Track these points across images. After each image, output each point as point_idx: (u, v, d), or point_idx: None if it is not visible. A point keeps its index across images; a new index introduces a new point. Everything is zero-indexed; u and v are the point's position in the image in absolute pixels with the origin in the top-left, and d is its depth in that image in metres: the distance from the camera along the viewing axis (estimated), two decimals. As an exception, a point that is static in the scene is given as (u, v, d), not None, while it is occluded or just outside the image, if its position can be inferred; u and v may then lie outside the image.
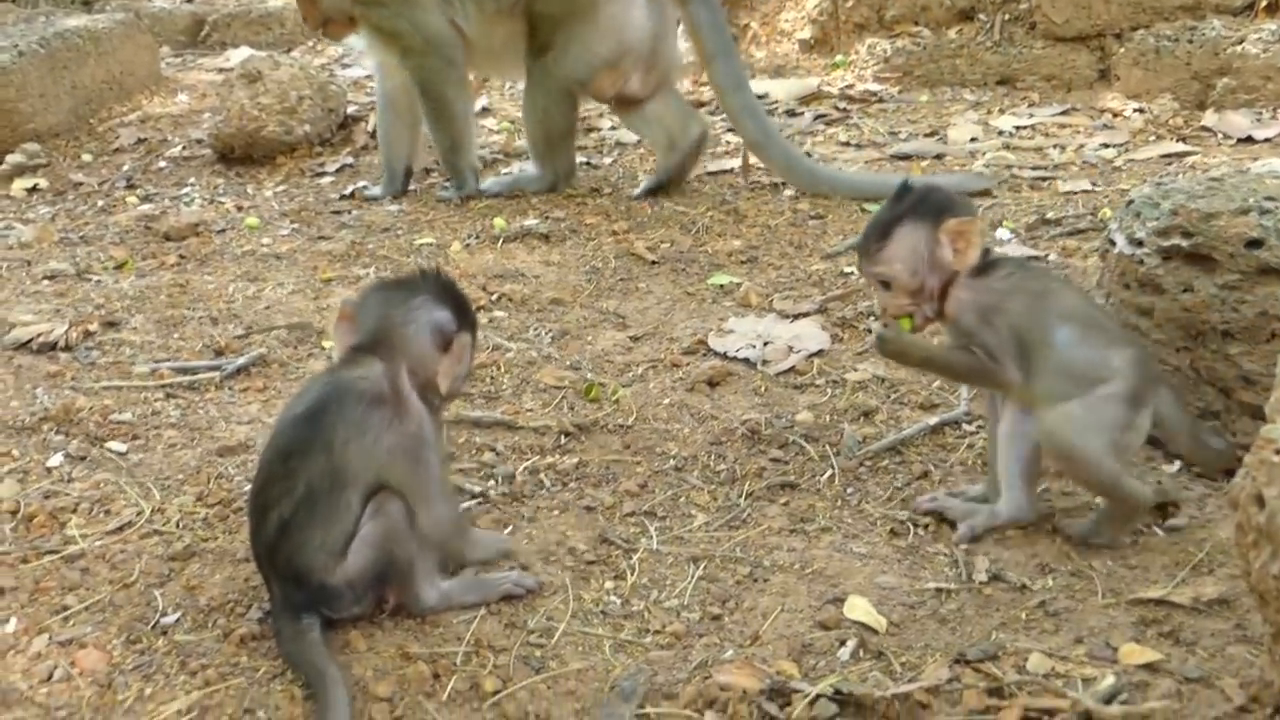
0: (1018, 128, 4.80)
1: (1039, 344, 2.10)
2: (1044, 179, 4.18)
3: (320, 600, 1.89)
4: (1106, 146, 4.49)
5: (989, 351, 2.12)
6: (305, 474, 1.87)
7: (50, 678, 1.86)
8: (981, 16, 5.49)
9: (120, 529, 2.30)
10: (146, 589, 2.09)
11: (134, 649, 1.93)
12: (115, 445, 2.61)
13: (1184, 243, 2.46)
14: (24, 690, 1.84)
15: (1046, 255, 3.42)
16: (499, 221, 4.06)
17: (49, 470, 2.51)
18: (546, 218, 4.08)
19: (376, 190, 4.60)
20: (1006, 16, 5.42)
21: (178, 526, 2.29)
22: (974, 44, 5.42)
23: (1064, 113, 4.97)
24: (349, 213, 4.38)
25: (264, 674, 1.85)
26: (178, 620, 2.00)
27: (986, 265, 2.17)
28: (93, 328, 3.27)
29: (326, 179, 4.86)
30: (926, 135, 4.80)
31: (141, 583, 2.11)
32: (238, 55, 6.76)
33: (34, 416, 2.73)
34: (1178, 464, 2.40)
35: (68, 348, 3.15)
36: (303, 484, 1.87)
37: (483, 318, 3.30)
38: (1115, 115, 4.89)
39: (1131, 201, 2.62)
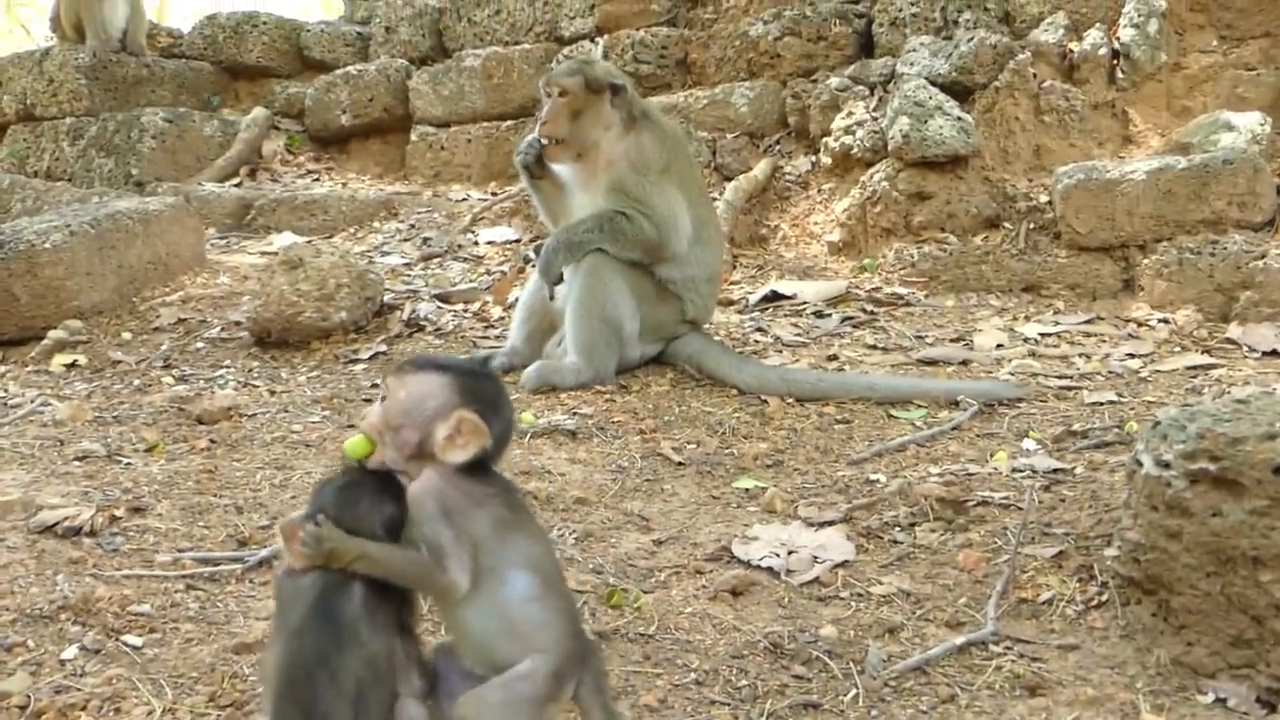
0: (1043, 335, 4.84)
1: (488, 576, 1.93)
2: (1069, 389, 4.20)
3: None
4: (1132, 357, 4.52)
5: (432, 546, 1.92)
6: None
7: None
8: (1007, 225, 5.59)
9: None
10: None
11: None
12: (131, 639, 2.59)
13: (1211, 467, 2.46)
14: None
15: (1074, 468, 3.41)
16: (528, 416, 4.09)
17: (62, 663, 2.49)
18: (575, 414, 4.11)
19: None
20: (1031, 225, 5.53)
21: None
22: (999, 251, 5.51)
23: (1089, 321, 5.02)
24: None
25: None
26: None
27: (470, 470, 1.99)
28: (119, 513, 3.28)
29: (359, 366, 4.93)
30: (953, 340, 4.85)
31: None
32: (281, 240, 6.95)
33: (53, 605, 2.72)
34: (1211, 695, 2.35)
35: (92, 533, 3.16)
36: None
37: (507, 515, 3.30)
38: (1140, 325, 4.94)
39: (1158, 423, 2.62)
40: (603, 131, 4.52)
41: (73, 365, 5.28)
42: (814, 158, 6.40)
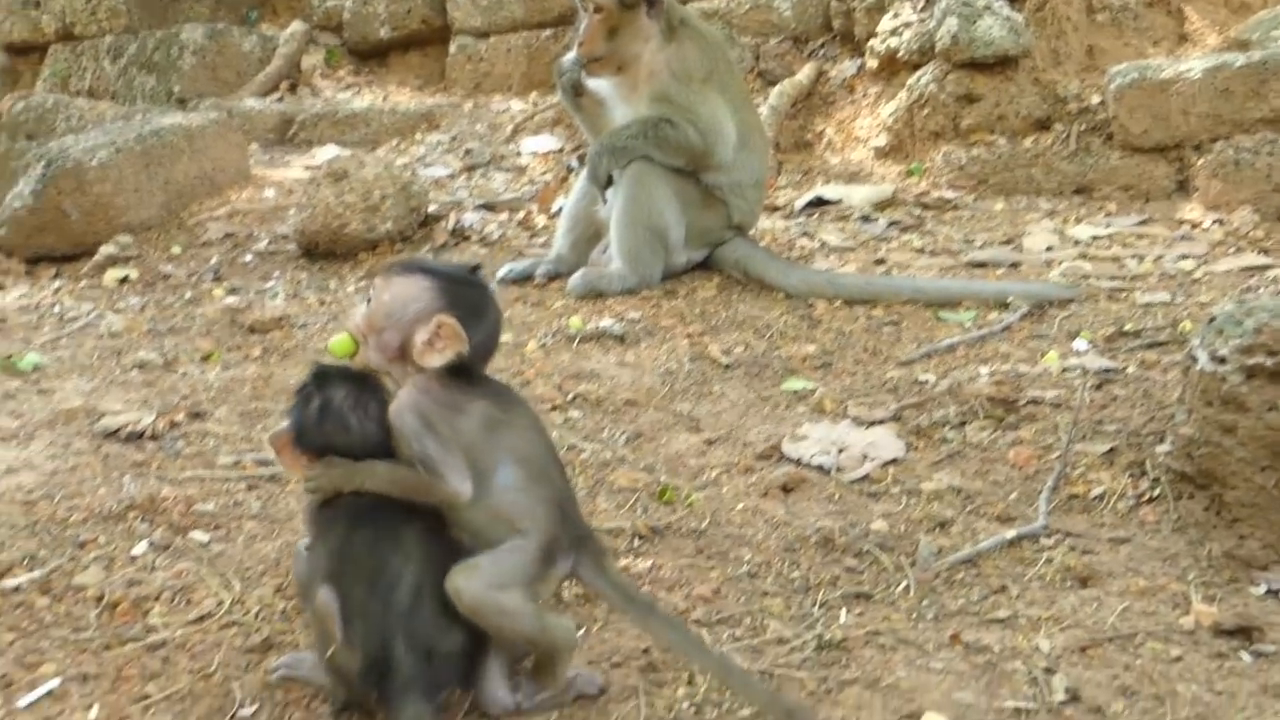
0: (1094, 237, 4.79)
1: (479, 473, 1.99)
2: (1121, 290, 4.16)
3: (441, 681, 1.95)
4: (1185, 258, 4.46)
5: (425, 461, 1.98)
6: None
7: (131, 765, 1.88)
8: (1058, 126, 5.50)
9: (201, 619, 2.34)
10: (225, 680, 2.11)
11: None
12: (198, 535, 2.66)
13: (1268, 361, 2.45)
14: (103, 779, 1.86)
15: (1126, 367, 3.39)
16: (575, 321, 4.11)
17: (133, 559, 2.56)
18: (622, 319, 4.12)
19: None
20: (1083, 126, 5.44)
21: (256, 618, 2.32)
22: (1050, 153, 5.43)
23: (1142, 223, 4.96)
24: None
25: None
26: (254, 714, 2.02)
27: (451, 376, 2.02)
28: (179, 418, 3.34)
29: (407, 275, 4.94)
30: (1002, 243, 4.81)
31: (220, 674, 2.14)
32: (323, 153, 6.95)
33: (120, 504, 2.79)
34: (1264, 586, 2.36)
35: (154, 437, 3.23)
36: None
37: (558, 418, 3.34)
38: (1194, 226, 4.87)
39: (1214, 318, 2.61)
40: (642, 44, 4.48)
41: (125, 280, 5.34)
42: (859, 61, 6.30)
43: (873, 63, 6.11)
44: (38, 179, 5.67)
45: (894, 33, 5.96)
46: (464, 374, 2.04)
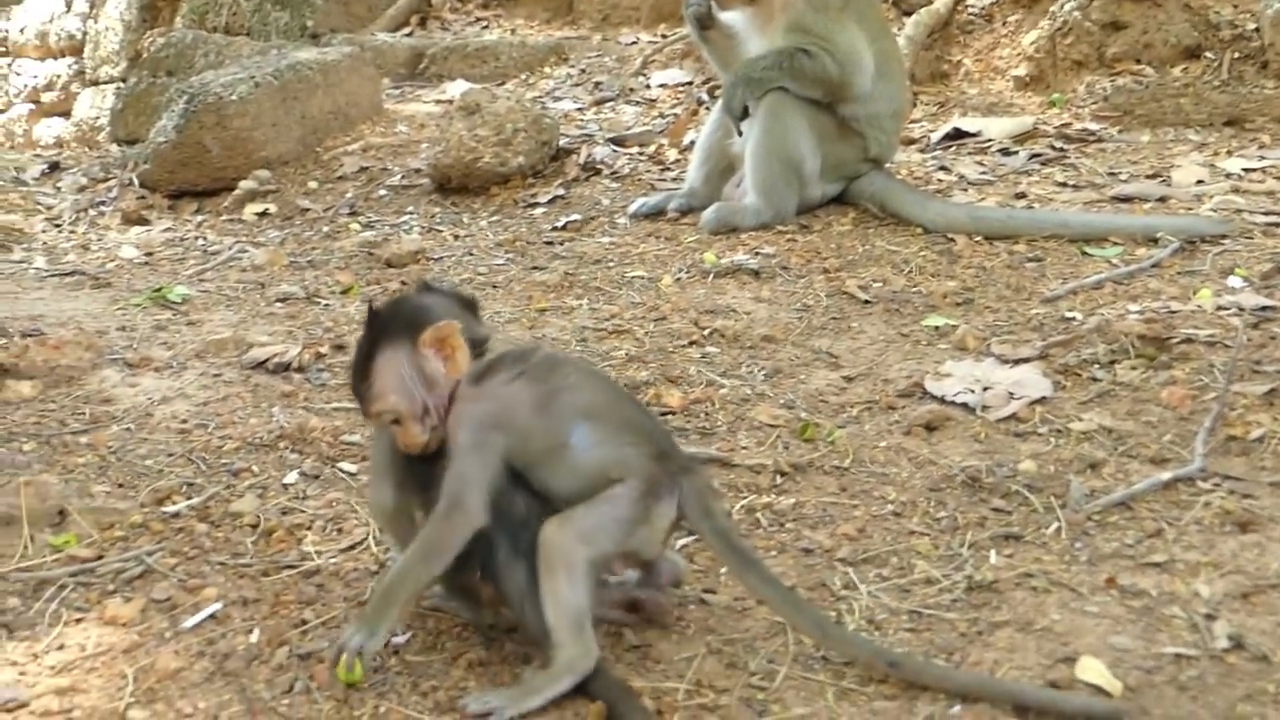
0: (1247, 170, 4.60)
1: (555, 447, 1.98)
2: (1277, 225, 3.99)
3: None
4: (1346, 191, 4.27)
5: (460, 476, 1.95)
6: None
7: (291, 689, 1.94)
8: (1209, 55, 5.29)
9: (352, 547, 2.40)
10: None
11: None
12: (346, 466, 2.72)
13: None
14: (267, 699, 1.92)
15: (1284, 305, 3.27)
16: (709, 256, 4.08)
17: (285, 487, 2.62)
18: (757, 254, 4.09)
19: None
20: (1236, 54, 5.22)
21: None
22: (1200, 83, 5.23)
23: (1298, 155, 4.75)
24: (561, 244, 4.47)
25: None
26: (408, 641, 2.06)
27: (488, 368, 2.04)
28: (323, 350, 3.41)
29: (539, 210, 4.97)
30: (1149, 177, 4.65)
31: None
32: (454, 88, 6.98)
33: (271, 434, 2.86)
34: None
35: (300, 369, 3.30)
36: None
37: (695, 353, 3.33)
38: (1354, 158, 4.66)
39: (1388, 254, 2.49)
40: None
41: (264, 214, 5.46)
42: (999, -12, 6.14)
43: (1014, -11, 5.93)
44: (180, 114, 5.79)
45: (1037, -43, 5.77)
46: (482, 358, 2.06)
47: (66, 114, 9.53)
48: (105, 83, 9.30)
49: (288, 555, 2.35)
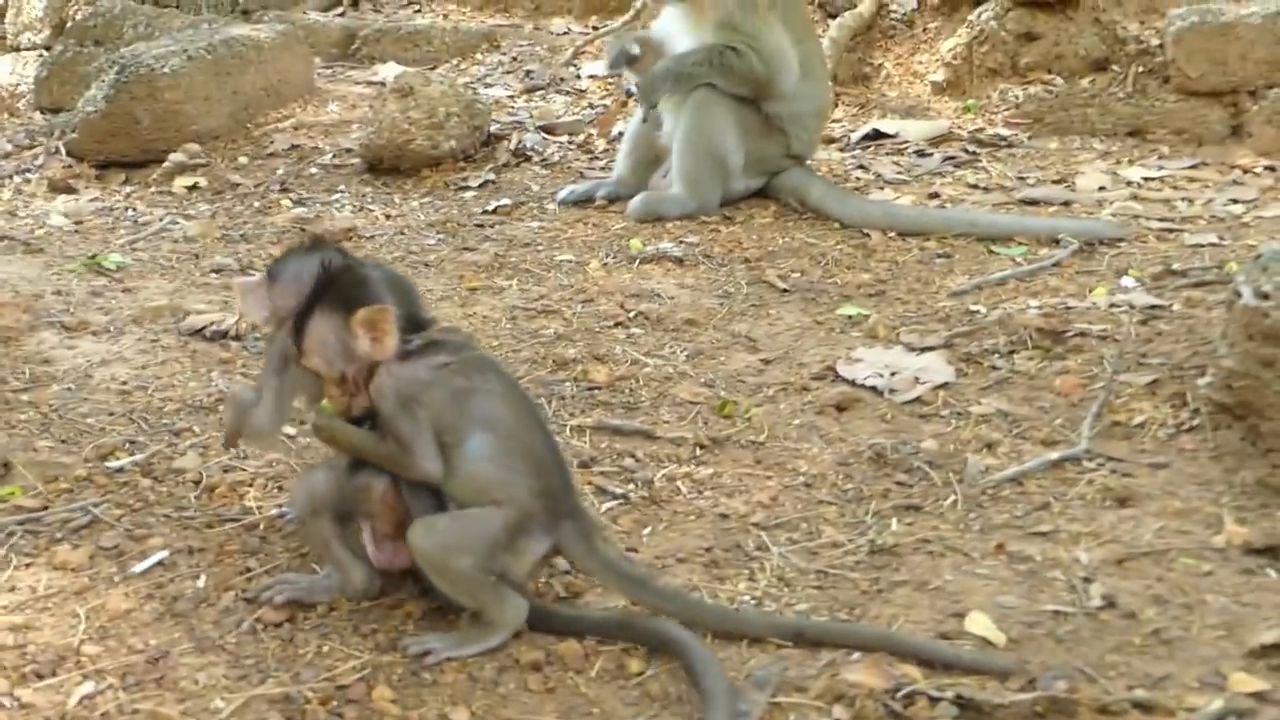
0: (1146, 179, 4.85)
1: (452, 445, 2.07)
2: (1171, 231, 4.24)
3: None
4: (1235, 202, 4.53)
5: (399, 440, 2.07)
6: None
7: (239, 628, 2.06)
8: (1115, 68, 5.54)
9: (292, 504, 2.51)
10: (319, 559, 2.28)
11: (311, 610, 2.13)
12: (286, 429, 2.82)
13: (1311, 299, 2.55)
14: (215, 639, 2.04)
15: (1171, 305, 3.49)
16: (635, 243, 4.24)
17: (226, 447, 2.73)
18: (681, 242, 4.25)
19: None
20: (1140, 69, 5.48)
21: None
22: (1106, 94, 5.47)
23: (1194, 167, 5.01)
24: (492, 227, 4.59)
25: (429, 641, 2.04)
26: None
27: (420, 349, 2.13)
28: (259, 320, 3.50)
29: (470, 193, 5.08)
30: (1054, 182, 4.88)
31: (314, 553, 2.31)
32: (386, 70, 7.05)
33: (210, 397, 2.97)
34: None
35: (237, 337, 3.39)
36: None
37: (621, 334, 3.48)
38: (1245, 172, 4.92)
39: (1259, 255, 2.71)
40: None
41: (194, 187, 5.49)
42: (920, -4, 6.35)
43: (934, -2, 6.15)
44: (110, 84, 5.80)
45: (957, -32, 5.99)
46: (418, 339, 2.13)
47: (-15, 80, 9.41)
48: (27, 49, 9.19)
49: (230, 510, 2.47)
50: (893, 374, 3.15)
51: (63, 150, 6.00)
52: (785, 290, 3.84)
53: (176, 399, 2.96)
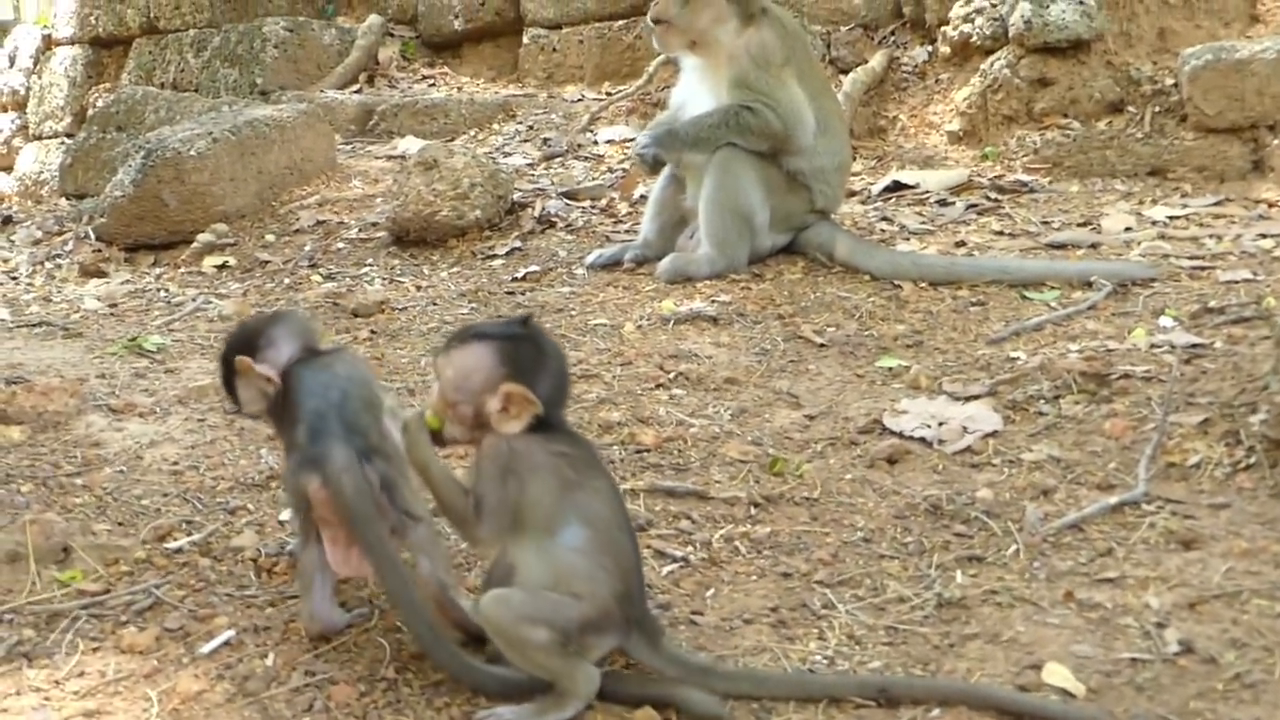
0: (1171, 218, 4.87)
1: (543, 530, 2.06)
2: (1202, 268, 4.25)
3: None
4: (1264, 237, 4.54)
5: (478, 502, 2.07)
6: None
7: (310, 708, 2.06)
8: (1131, 109, 5.59)
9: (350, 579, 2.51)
10: (386, 632, 2.28)
11: (379, 685, 2.12)
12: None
13: (1363, 333, 2.55)
14: (289, 718, 2.03)
15: (1213, 342, 3.49)
16: (668, 304, 4.25)
17: (282, 524, 2.73)
18: (713, 301, 4.27)
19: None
20: (1156, 109, 5.52)
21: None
22: (1124, 135, 5.51)
23: (1218, 203, 5.03)
24: (523, 294, 4.62)
25: None
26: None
27: (542, 429, 2.10)
28: (303, 396, 3.51)
29: (498, 261, 5.12)
30: (1080, 225, 4.90)
31: (380, 628, 2.30)
32: (404, 143, 7.13)
33: (262, 475, 2.97)
34: (1360, 548, 2.47)
35: (282, 414, 3.40)
36: None
37: (663, 395, 3.49)
38: (1271, 206, 4.94)
39: (1305, 292, 2.72)
40: (715, 24, 4.61)
41: (223, 266, 5.55)
42: (930, 48, 6.41)
43: (945, 49, 6.21)
44: (138, 169, 5.89)
45: (966, 19, 6.05)
46: (544, 424, 2.11)
47: (8, 169, 9.55)
48: (49, 138, 9.35)
49: (292, 586, 2.46)
50: (940, 424, 3.14)
51: (92, 235, 6.09)
52: (822, 345, 3.85)
53: (228, 477, 2.97)
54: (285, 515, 2.72)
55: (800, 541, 2.64)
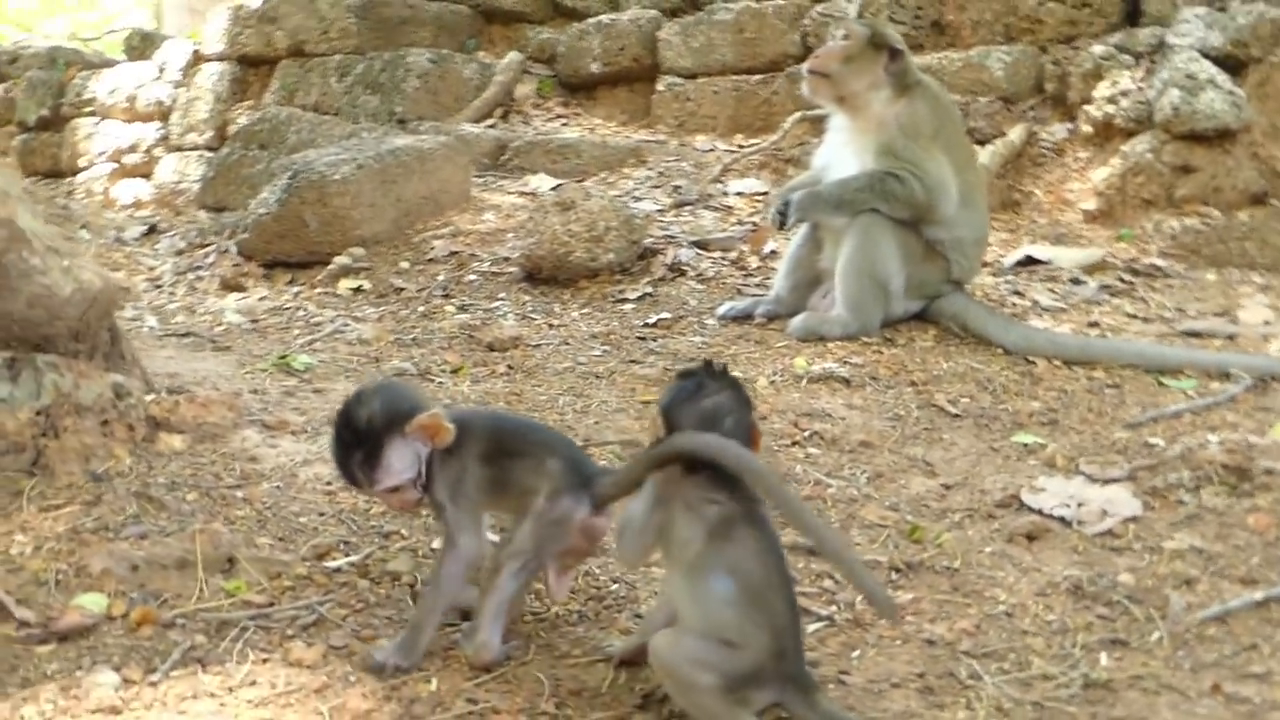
0: (1312, 314, 4.84)
1: (693, 570, 2.14)
2: (1346, 367, 4.21)
3: None
4: (1406, 340, 4.49)
5: (627, 519, 2.24)
6: None
7: (476, 733, 2.13)
8: (1274, 202, 5.55)
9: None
10: (543, 667, 2.35)
11: (540, 718, 2.19)
12: (491, 536, 2.91)
13: None
14: (454, 741, 2.11)
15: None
16: (800, 361, 4.30)
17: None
18: (846, 363, 4.31)
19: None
20: (1300, 202, 5.49)
21: (556, 618, 2.57)
22: (1266, 228, 5.48)
23: (1360, 301, 4.98)
24: (655, 340, 4.70)
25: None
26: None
27: (704, 478, 2.19)
28: (448, 425, 3.62)
29: (628, 305, 5.21)
30: (1216, 314, 4.88)
31: (535, 662, 2.38)
32: (536, 180, 7.27)
33: (413, 500, 3.06)
34: None
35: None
36: None
37: (799, 453, 3.53)
38: None
39: None
40: (870, 89, 4.67)
41: (359, 290, 5.71)
42: (1070, 125, 6.41)
43: (1087, 127, 6.21)
44: (283, 188, 6.09)
45: (1111, 100, 6.06)
46: (712, 473, 2.19)
47: (148, 176, 9.87)
48: (189, 149, 9.65)
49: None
50: (1080, 505, 3.16)
51: (233, 249, 6.29)
52: (956, 415, 3.87)
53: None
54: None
55: (943, 610, 2.67)
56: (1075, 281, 5.31)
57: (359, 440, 2.40)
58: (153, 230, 7.19)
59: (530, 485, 2.37)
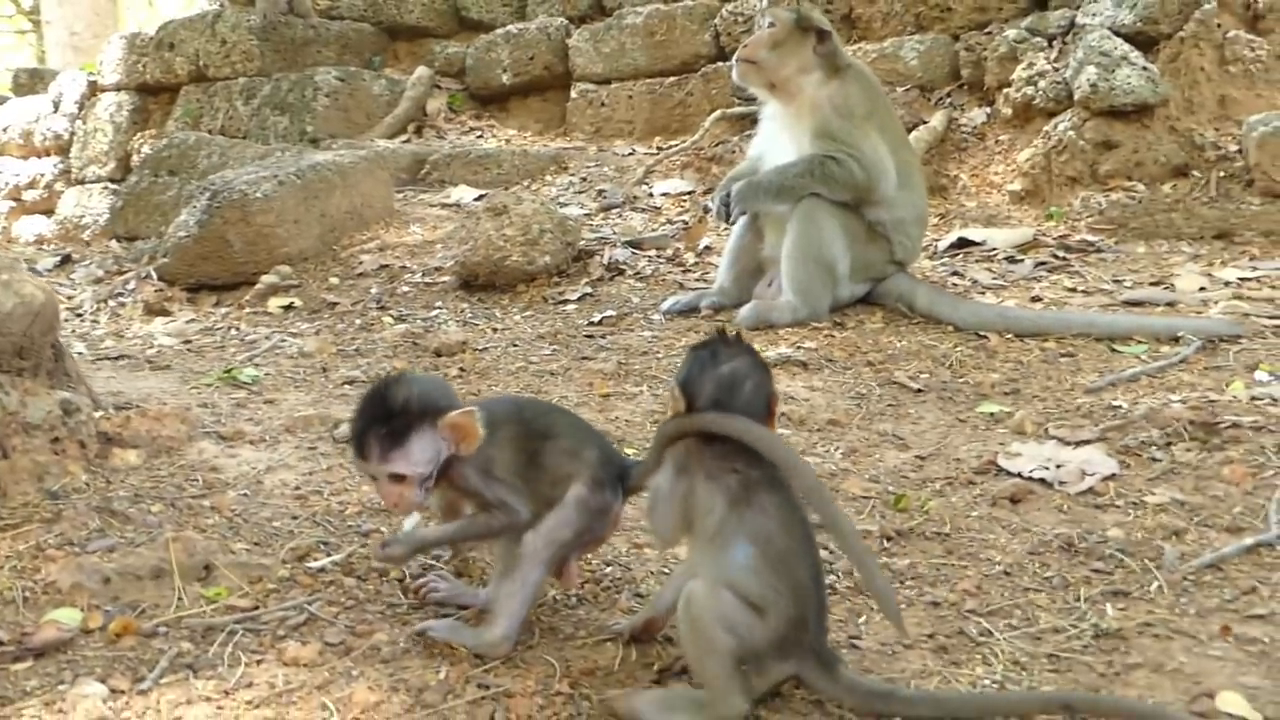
0: (1243, 279, 4.92)
1: (715, 538, 2.08)
2: (1285, 326, 4.29)
3: None
4: (1340, 299, 4.59)
5: (654, 496, 2.19)
6: None
7: (492, 718, 2.05)
8: (1195, 173, 5.67)
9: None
10: (550, 650, 2.28)
11: (556, 699, 2.12)
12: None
13: None
14: (470, 730, 2.03)
15: (1313, 396, 3.52)
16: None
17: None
18: (799, 348, 4.30)
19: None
20: (1221, 174, 5.60)
21: (555, 602, 2.49)
22: (1189, 199, 5.59)
23: (1288, 266, 5.09)
24: (603, 337, 4.65)
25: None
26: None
27: (728, 447, 2.12)
28: (410, 427, 3.52)
29: (570, 306, 5.15)
30: (1153, 284, 4.95)
31: (541, 646, 2.30)
32: (458, 192, 7.21)
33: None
34: None
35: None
36: None
37: (769, 433, 3.49)
38: (1342, 270, 5.00)
39: None
40: (800, 73, 4.69)
41: (289, 307, 5.58)
42: (989, 109, 6.51)
43: (1006, 110, 6.30)
44: (203, 209, 5.94)
45: (1029, 81, 6.15)
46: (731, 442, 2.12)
47: (49, 212, 9.59)
48: (92, 182, 9.41)
49: (445, 608, 2.46)
50: (1058, 466, 3.16)
51: (154, 274, 6.12)
52: (919, 390, 3.87)
53: (354, 502, 2.97)
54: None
55: (940, 573, 2.64)
56: (1011, 260, 5.38)
57: (389, 416, 2.26)
58: (67, 260, 6.97)
59: (566, 471, 2.29)
